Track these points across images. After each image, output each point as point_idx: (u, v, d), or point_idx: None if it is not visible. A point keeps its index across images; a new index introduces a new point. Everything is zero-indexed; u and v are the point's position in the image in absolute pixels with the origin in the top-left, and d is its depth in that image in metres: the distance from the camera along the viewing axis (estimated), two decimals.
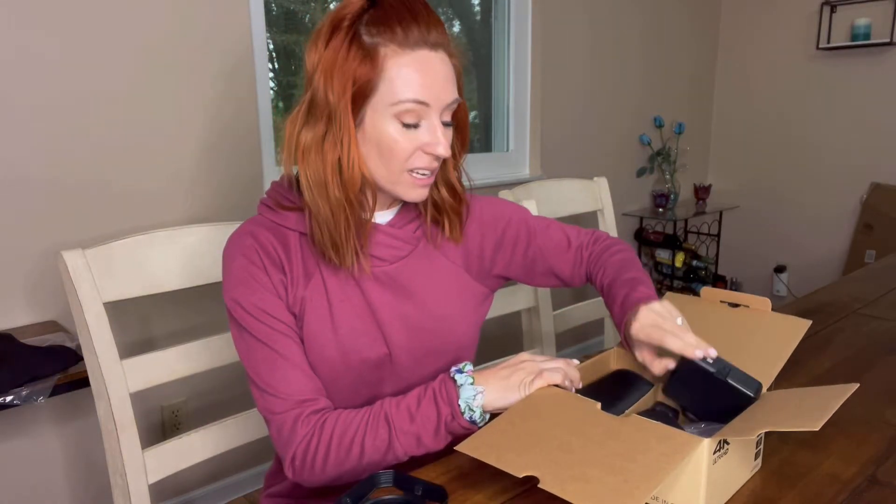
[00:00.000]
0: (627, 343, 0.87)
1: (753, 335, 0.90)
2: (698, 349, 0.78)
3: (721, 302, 0.95)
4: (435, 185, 0.89)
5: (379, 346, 0.86)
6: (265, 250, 0.83)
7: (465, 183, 0.93)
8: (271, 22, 2.01)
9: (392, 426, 0.76)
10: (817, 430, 0.63)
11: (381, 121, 0.77)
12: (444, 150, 0.79)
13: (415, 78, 0.76)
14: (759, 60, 3.49)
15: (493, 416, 0.74)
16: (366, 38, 0.75)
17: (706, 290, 0.97)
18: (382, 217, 0.89)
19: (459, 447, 0.70)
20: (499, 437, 0.70)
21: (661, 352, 0.83)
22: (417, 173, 0.81)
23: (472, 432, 0.73)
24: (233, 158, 1.86)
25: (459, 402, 0.74)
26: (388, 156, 0.79)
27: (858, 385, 0.77)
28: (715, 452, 0.68)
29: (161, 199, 1.75)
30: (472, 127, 2.70)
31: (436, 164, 0.82)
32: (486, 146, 2.78)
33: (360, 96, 0.76)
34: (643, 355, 0.85)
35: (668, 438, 0.68)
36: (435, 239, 0.91)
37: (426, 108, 0.77)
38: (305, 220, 0.84)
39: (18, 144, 1.52)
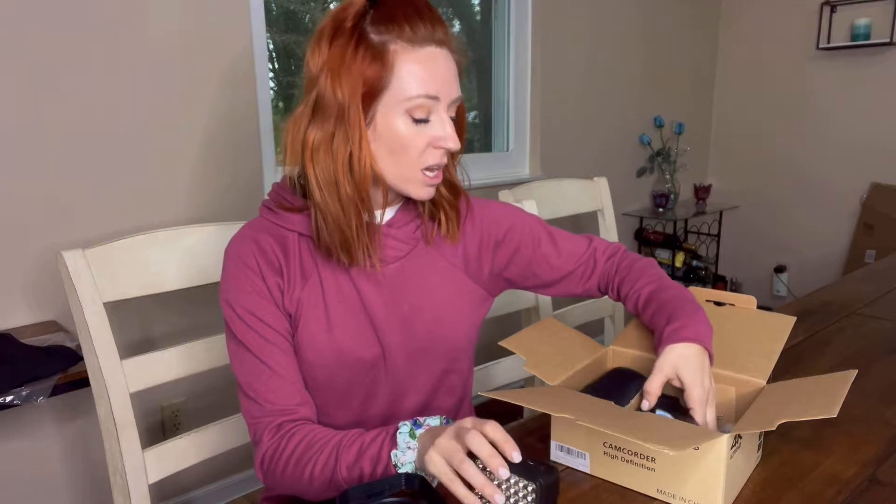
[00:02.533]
0: (656, 350, 0.85)
1: (742, 332, 0.91)
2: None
3: (707, 301, 0.96)
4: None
5: (373, 346, 0.86)
6: (263, 254, 0.84)
7: (464, 182, 0.92)
8: (271, 22, 2.01)
9: (339, 459, 0.75)
10: (835, 416, 0.63)
11: (392, 117, 0.78)
12: (453, 143, 0.80)
13: (425, 74, 0.77)
14: (759, 60, 3.49)
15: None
16: (373, 37, 0.76)
17: (692, 290, 0.97)
18: (382, 217, 0.89)
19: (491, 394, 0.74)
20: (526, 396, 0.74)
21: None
22: (429, 171, 0.82)
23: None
24: (233, 158, 1.86)
25: (391, 454, 0.72)
26: (401, 152, 0.79)
27: (857, 371, 0.77)
28: (731, 448, 0.69)
29: (161, 199, 1.75)
30: (472, 127, 2.71)
31: (445, 160, 0.83)
32: (486, 146, 2.78)
33: (371, 95, 0.77)
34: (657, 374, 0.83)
35: (687, 428, 0.68)
36: (434, 239, 0.91)
37: (436, 102, 0.78)
38: (308, 220, 0.84)
39: (18, 144, 1.52)
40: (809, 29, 3.27)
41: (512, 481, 0.67)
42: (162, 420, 1.83)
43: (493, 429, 0.66)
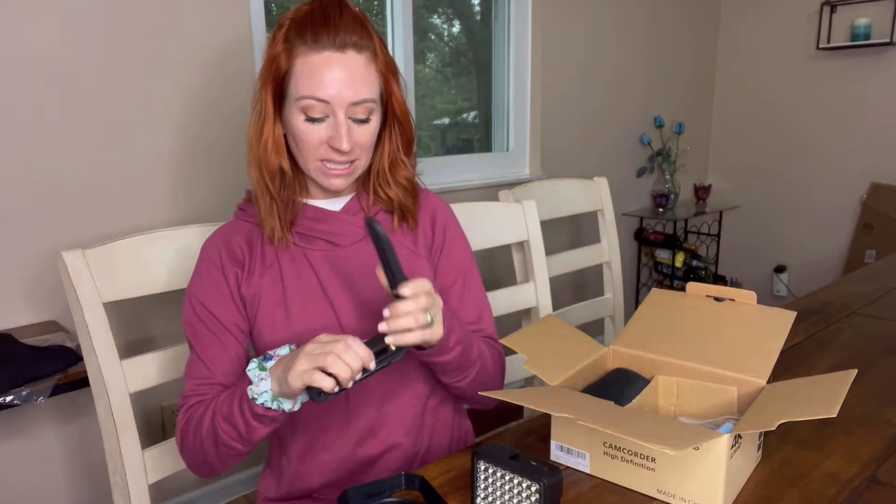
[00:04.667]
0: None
1: (742, 328, 0.91)
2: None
3: (707, 296, 0.96)
4: (386, 184, 0.94)
5: (332, 328, 0.89)
6: (228, 247, 0.91)
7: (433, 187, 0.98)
8: (271, 22, 2.01)
9: (215, 414, 0.82)
10: (835, 415, 0.64)
11: (291, 113, 0.85)
12: (345, 144, 0.84)
13: (313, 77, 0.82)
14: (759, 60, 3.48)
15: (322, 395, 0.73)
16: (290, 37, 0.84)
17: (692, 286, 0.97)
18: (335, 204, 0.94)
19: (488, 393, 0.77)
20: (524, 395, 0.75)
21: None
22: (328, 164, 0.87)
23: (274, 417, 0.78)
24: (233, 158, 1.86)
25: (248, 390, 0.78)
26: (299, 145, 0.87)
27: (857, 371, 0.77)
28: (731, 447, 0.69)
29: (161, 200, 1.75)
30: (471, 127, 2.71)
31: (345, 158, 0.86)
32: (486, 146, 2.78)
33: (278, 92, 0.86)
34: None
35: (687, 428, 0.68)
36: (392, 226, 0.96)
37: (327, 105, 0.83)
38: None
39: (18, 144, 1.52)
40: (809, 29, 3.27)
41: (515, 481, 0.68)
42: (162, 420, 1.83)
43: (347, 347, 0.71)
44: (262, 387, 0.76)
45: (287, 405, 0.78)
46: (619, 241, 1.82)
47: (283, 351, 0.79)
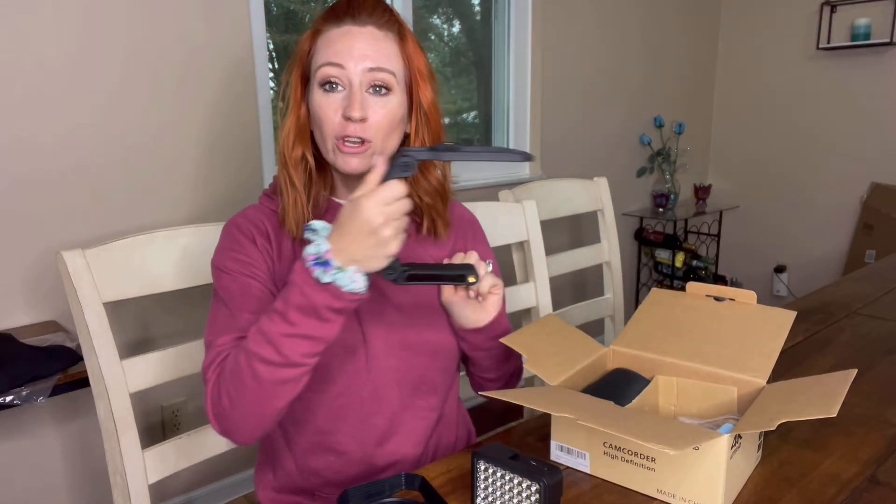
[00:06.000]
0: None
1: (742, 328, 0.91)
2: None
3: (707, 296, 0.96)
4: (414, 191, 0.90)
5: (351, 327, 0.87)
6: (256, 226, 0.89)
7: (455, 182, 0.96)
8: (271, 22, 2.01)
9: (269, 335, 0.74)
10: (835, 415, 0.64)
11: (313, 90, 0.85)
12: (357, 111, 0.81)
13: (331, 45, 0.83)
14: (759, 60, 3.48)
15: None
16: (316, 26, 0.86)
17: (692, 285, 0.97)
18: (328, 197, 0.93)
19: (489, 394, 0.77)
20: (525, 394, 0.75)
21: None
22: (346, 141, 0.84)
23: (357, 298, 0.72)
24: (233, 158, 1.86)
25: (306, 267, 0.72)
26: (319, 123, 0.85)
27: (857, 370, 0.77)
28: (731, 447, 0.69)
29: (161, 199, 1.75)
30: (471, 127, 2.71)
31: (359, 132, 0.83)
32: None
33: (304, 75, 0.86)
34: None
35: (687, 428, 0.68)
36: (421, 236, 0.95)
37: (342, 70, 0.82)
38: None
39: (18, 144, 1.52)
40: (809, 29, 3.27)
41: (516, 481, 0.68)
42: (162, 420, 1.83)
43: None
44: (320, 246, 0.71)
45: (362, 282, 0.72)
46: (619, 241, 1.83)
47: (318, 225, 0.73)
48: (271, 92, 1.97)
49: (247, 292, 0.85)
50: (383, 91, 0.84)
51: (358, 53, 0.82)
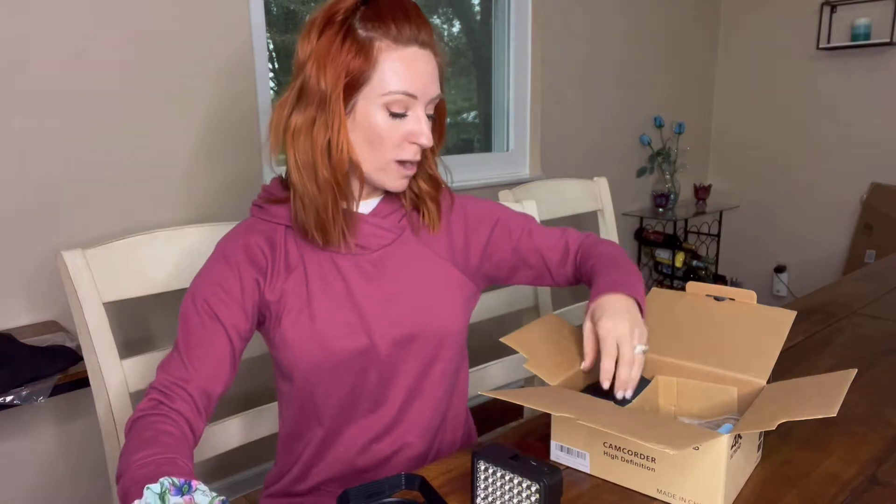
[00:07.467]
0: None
1: (741, 328, 0.91)
2: (618, 389, 0.81)
3: (707, 296, 0.96)
4: (413, 177, 0.92)
5: (359, 334, 0.87)
6: (247, 250, 0.86)
7: (448, 182, 0.97)
8: (271, 22, 2.01)
9: (124, 474, 0.71)
10: (835, 415, 0.64)
11: (371, 109, 0.82)
12: (427, 140, 0.84)
13: (405, 72, 0.82)
14: (759, 60, 3.48)
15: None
16: (360, 32, 0.81)
17: (692, 285, 0.97)
18: (365, 207, 0.92)
19: (490, 393, 0.76)
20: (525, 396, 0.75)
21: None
22: (406, 165, 0.86)
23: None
24: (233, 158, 1.86)
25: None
26: (377, 143, 0.84)
27: (857, 370, 0.77)
28: (731, 447, 0.69)
29: (161, 199, 1.75)
30: (472, 127, 2.71)
31: (418, 157, 0.87)
32: (486, 146, 2.78)
33: (352, 86, 0.82)
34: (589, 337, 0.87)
35: (687, 428, 0.68)
36: (419, 230, 0.94)
37: (413, 100, 0.83)
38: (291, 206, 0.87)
39: (18, 144, 1.51)
40: (809, 29, 3.27)
41: (516, 481, 0.67)
42: None
43: None
44: None
45: None
46: (619, 241, 1.82)
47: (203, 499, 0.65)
48: (271, 92, 1.97)
49: (202, 335, 0.82)
50: (433, 115, 0.88)
51: (427, 82, 0.84)
